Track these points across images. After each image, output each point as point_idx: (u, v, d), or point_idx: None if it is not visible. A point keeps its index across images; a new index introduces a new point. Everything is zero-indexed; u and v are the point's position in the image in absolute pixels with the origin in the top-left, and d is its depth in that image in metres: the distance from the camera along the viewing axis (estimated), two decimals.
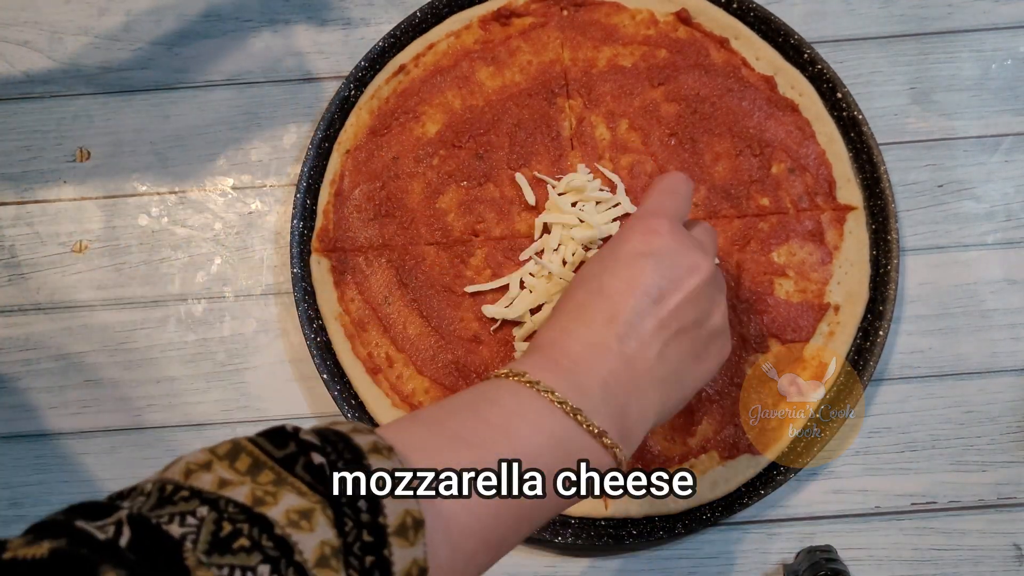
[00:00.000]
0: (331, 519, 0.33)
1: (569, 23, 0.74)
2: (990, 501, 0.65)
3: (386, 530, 0.34)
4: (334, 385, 0.66)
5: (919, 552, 0.64)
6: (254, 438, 0.35)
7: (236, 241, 0.73)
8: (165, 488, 0.32)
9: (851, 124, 0.70)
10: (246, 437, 0.35)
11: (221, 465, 0.33)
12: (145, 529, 0.30)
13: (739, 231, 0.68)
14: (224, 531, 0.31)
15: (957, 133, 0.73)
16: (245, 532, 0.31)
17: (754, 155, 0.70)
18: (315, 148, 0.71)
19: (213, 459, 0.34)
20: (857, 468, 0.66)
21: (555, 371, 0.44)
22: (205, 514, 0.31)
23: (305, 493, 0.33)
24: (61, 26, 0.78)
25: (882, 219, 0.68)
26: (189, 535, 0.30)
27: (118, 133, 0.76)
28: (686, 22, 0.73)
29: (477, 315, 0.67)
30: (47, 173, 0.75)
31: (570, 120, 0.71)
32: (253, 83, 0.77)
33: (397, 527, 0.34)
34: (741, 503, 0.63)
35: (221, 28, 0.78)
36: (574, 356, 0.45)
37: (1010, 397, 0.67)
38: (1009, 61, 0.75)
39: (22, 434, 0.69)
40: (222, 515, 0.31)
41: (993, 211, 0.71)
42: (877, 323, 0.66)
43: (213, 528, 0.31)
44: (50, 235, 0.73)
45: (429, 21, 0.74)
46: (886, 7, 0.76)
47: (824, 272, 0.67)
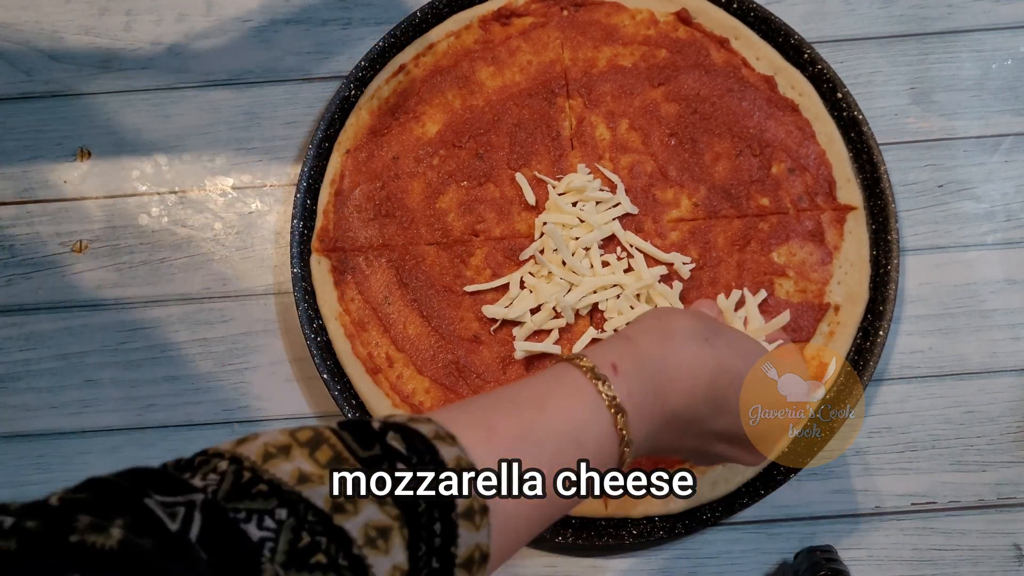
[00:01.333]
0: (406, 540, 0.32)
1: (569, 23, 0.74)
2: (990, 501, 0.65)
3: (454, 560, 0.33)
4: (334, 385, 0.66)
5: (919, 552, 0.64)
6: (337, 430, 0.34)
7: (236, 241, 0.73)
8: (242, 473, 0.31)
9: (851, 124, 0.70)
10: (327, 426, 0.34)
11: (301, 453, 0.32)
12: (220, 523, 0.29)
13: (739, 231, 0.68)
14: (302, 542, 0.30)
15: (957, 133, 0.73)
16: (323, 547, 0.30)
17: (754, 155, 0.70)
18: (315, 148, 0.71)
19: (293, 444, 0.32)
20: (857, 468, 0.66)
21: (632, 378, 0.43)
22: (284, 518, 0.30)
23: (385, 504, 0.32)
24: (61, 26, 0.78)
25: (882, 219, 0.68)
26: (267, 541, 0.29)
27: (118, 133, 0.76)
28: (686, 22, 0.73)
29: (477, 315, 0.67)
30: (47, 173, 0.75)
31: (570, 120, 0.71)
32: (253, 83, 0.77)
33: (465, 559, 0.34)
34: (741, 503, 0.63)
35: (221, 28, 0.78)
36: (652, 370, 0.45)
37: (1010, 397, 0.67)
38: (1009, 61, 0.75)
39: (24, 433, 0.69)
40: (302, 523, 0.30)
41: (993, 211, 0.71)
42: (877, 323, 0.66)
43: (291, 537, 0.30)
44: (50, 235, 0.73)
45: (429, 21, 0.74)
46: (886, 7, 0.76)
47: (824, 272, 0.67)
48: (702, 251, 0.68)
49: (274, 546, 0.29)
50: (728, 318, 0.59)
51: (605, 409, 0.42)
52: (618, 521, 0.63)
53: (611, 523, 0.63)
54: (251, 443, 0.33)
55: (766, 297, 0.66)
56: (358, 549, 0.31)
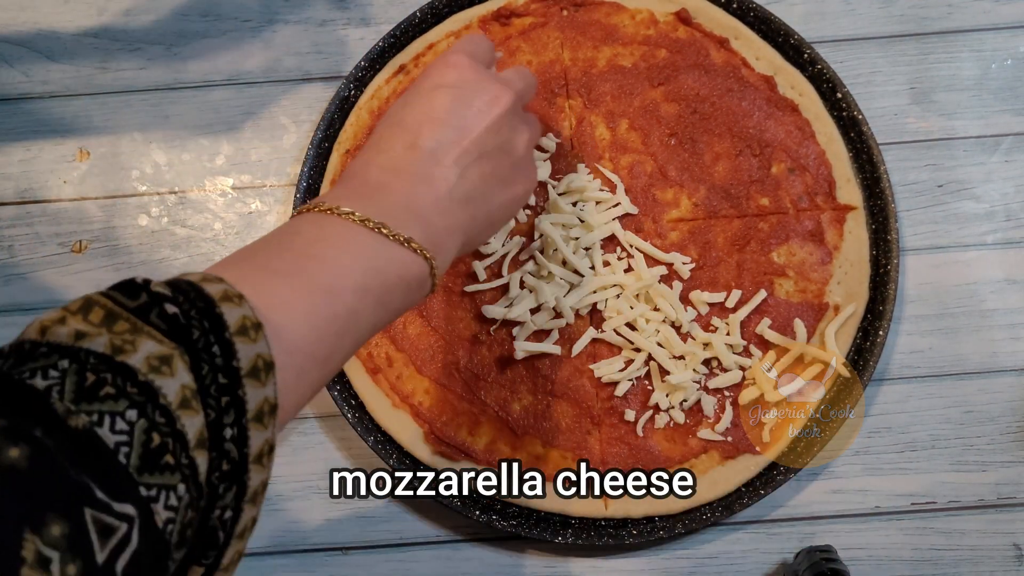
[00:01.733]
0: (188, 364, 0.34)
1: (569, 23, 0.74)
2: (990, 501, 0.65)
3: (239, 372, 0.35)
4: (334, 385, 0.66)
5: (919, 552, 0.64)
6: (105, 291, 0.36)
7: (236, 241, 0.73)
8: (23, 346, 0.33)
9: (851, 124, 0.70)
10: (97, 292, 0.36)
11: (75, 319, 0.34)
12: (8, 385, 0.31)
13: (739, 231, 0.68)
14: (89, 380, 0.31)
15: (957, 133, 0.73)
16: (110, 380, 0.32)
17: (754, 155, 0.70)
18: (315, 148, 0.71)
19: (66, 314, 0.34)
20: (857, 468, 0.66)
21: (355, 197, 0.46)
22: (67, 366, 0.32)
23: (162, 340, 0.34)
24: (61, 26, 0.78)
25: (882, 219, 0.68)
26: (54, 387, 0.31)
27: (118, 133, 0.76)
28: (686, 22, 0.73)
29: (477, 315, 0.67)
30: (47, 173, 0.75)
31: (570, 120, 0.71)
32: (253, 83, 0.77)
33: (250, 370, 0.35)
34: (741, 503, 0.63)
35: (221, 28, 0.78)
36: (374, 183, 0.48)
37: (1010, 397, 0.67)
38: (1009, 61, 0.75)
39: None
40: (84, 366, 0.32)
41: (993, 211, 0.71)
42: (877, 323, 0.66)
43: (77, 379, 0.31)
44: (50, 235, 0.73)
45: (429, 21, 0.74)
46: (886, 7, 0.76)
47: (824, 272, 0.67)
48: (702, 251, 0.68)
49: (61, 388, 0.31)
50: None
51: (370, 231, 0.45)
52: (618, 521, 0.63)
53: (611, 523, 0.63)
54: (28, 328, 0.34)
55: (766, 297, 0.66)
56: (143, 376, 0.32)
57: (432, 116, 0.49)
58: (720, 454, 0.64)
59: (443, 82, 0.51)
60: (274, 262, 0.42)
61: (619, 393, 0.64)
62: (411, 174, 0.48)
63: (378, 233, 0.44)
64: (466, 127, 0.50)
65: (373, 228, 0.44)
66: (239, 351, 0.35)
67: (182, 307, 0.35)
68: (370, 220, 0.44)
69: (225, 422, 0.34)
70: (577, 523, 0.63)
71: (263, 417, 0.35)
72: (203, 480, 0.33)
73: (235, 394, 0.35)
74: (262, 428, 0.35)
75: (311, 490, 0.66)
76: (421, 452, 0.64)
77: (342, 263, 0.43)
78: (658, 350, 0.64)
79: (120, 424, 0.31)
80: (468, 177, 0.49)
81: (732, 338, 0.65)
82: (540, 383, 0.65)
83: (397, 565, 0.65)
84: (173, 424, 0.32)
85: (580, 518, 0.63)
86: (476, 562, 0.65)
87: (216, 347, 0.35)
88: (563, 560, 0.65)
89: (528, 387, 0.65)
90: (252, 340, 0.36)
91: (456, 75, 0.51)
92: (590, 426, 0.65)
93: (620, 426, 0.64)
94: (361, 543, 0.65)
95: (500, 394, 0.65)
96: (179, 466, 0.32)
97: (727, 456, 0.63)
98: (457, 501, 0.63)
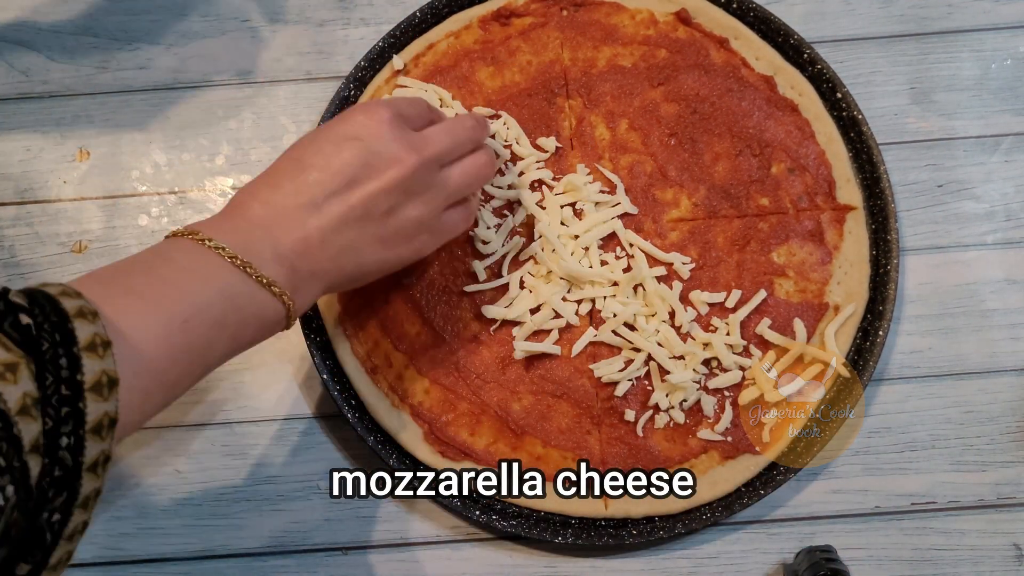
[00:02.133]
0: (33, 373, 0.36)
1: (569, 23, 0.74)
2: (990, 501, 0.65)
3: (83, 385, 0.37)
4: (334, 385, 0.66)
5: (919, 552, 0.64)
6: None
7: None
8: None
9: (851, 124, 0.70)
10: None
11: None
12: None
13: (739, 231, 0.68)
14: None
15: (957, 133, 0.73)
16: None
17: (754, 155, 0.70)
18: None
19: None
20: (857, 468, 0.66)
21: (230, 230, 0.48)
22: None
23: (11, 349, 0.36)
24: (61, 26, 0.78)
25: (882, 219, 0.68)
26: None
27: (118, 133, 0.76)
28: (686, 22, 0.73)
29: (477, 315, 0.67)
30: (47, 173, 0.75)
31: (570, 120, 0.71)
32: (253, 83, 0.77)
33: (93, 384, 0.37)
34: (741, 503, 0.63)
35: (221, 28, 0.78)
36: (253, 218, 0.49)
37: (1010, 397, 0.67)
38: (1009, 61, 0.75)
39: None
40: None
41: (993, 211, 0.71)
42: (877, 323, 0.66)
43: None
44: (50, 235, 0.73)
45: (429, 21, 0.74)
46: (886, 7, 0.76)
47: (824, 272, 0.67)
48: (702, 251, 0.68)
49: None
50: None
51: (235, 268, 0.47)
52: (618, 521, 0.63)
53: (611, 523, 0.63)
54: None
55: (766, 297, 0.66)
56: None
57: (328, 166, 0.51)
58: (720, 454, 0.64)
59: (354, 133, 0.52)
60: (139, 284, 0.44)
61: (619, 393, 0.64)
62: (289, 217, 0.50)
63: (243, 271, 0.47)
64: (357, 186, 0.51)
65: (240, 266, 0.47)
66: (85, 365, 0.37)
67: (36, 319, 0.37)
68: (238, 258, 0.47)
69: (63, 431, 0.36)
70: (577, 523, 0.63)
71: (101, 430, 0.37)
72: (34, 483, 0.35)
73: (76, 406, 0.36)
74: (99, 440, 0.37)
75: (311, 490, 0.66)
76: (421, 452, 0.64)
77: (204, 296, 0.45)
78: (658, 350, 0.64)
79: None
80: (344, 233, 0.51)
81: (732, 338, 0.65)
82: (540, 383, 0.65)
83: (397, 565, 0.65)
84: (9, 429, 0.34)
85: (580, 518, 0.63)
86: (476, 562, 0.65)
87: (64, 359, 0.36)
88: (563, 560, 0.65)
89: (528, 387, 0.65)
90: (100, 356, 0.38)
91: (370, 130, 0.52)
92: (590, 426, 0.65)
93: (620, 426, 0.64)
94: (361, 543, 0.65)
95: (500, 394, 0.65)
96: (10, 468, 0.34)
97: (727, 456, 0.63)
98: (457, 501, 0.63)
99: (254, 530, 0.66)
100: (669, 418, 0.64)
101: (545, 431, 0.64)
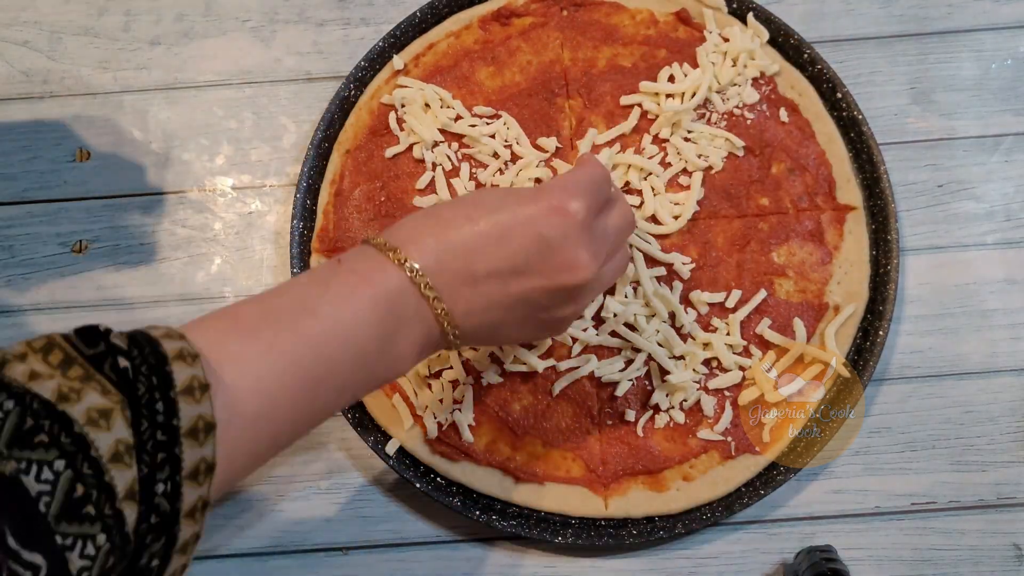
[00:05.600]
0: (128, 419, 0.35)
1: (569, 23, 0.74)
2: (990, 501, 0.65)
3: (179, 431, 0.36)
4: None
5: (919, 552, 0.64)
6: (68, 334, 0.37)
7: (236, 241, 0.73)
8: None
9: (851, 124, 0.70)
10: (60, 333, 0.37)
11: (35, 358, 0.35)
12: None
13: (739, 231, 0.68)
14: (27, 425, 0.33)
15: (957, 133, 0.73)
16: (46, 428, 0.33)
17: (754, 155, 0.70)
18: (315, 148, 0.71)
19: (29, 352, 0.36)
20: (857, 468, 0.66)
21: None
22: (11, 407, 0.33)
23: (109, 392, 0.35)
24: (61, 26, 0.78)
25: (882, 219, 0.68)
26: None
27: (118, 133, 0.76)
28: (686, 22, 0.73)
29: None
30: (47, 173, 0.75)
31: (570, 120, 0.71)
32: (253, 83, 0.77)
33: (189, 429, 0.37)
34: (741, 503, 0.63)
35: (221, 28, 0.78)
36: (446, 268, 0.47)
37: (1010, 397, 0.67)
38: (1009, 61, 0.75)
39: None
40: (26, 411, 0.33)
41: (993, 211, 0.71)
42: (877, 323, 0.66)
43: (16, 422, 0.33)
44: (50, 235, 0.73)
45: (429, 21, 0.74)
46: (886, 7, 0.76)
47: (824, 272, 0.67)
48: (702, 251, 0.68)
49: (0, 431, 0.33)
50: None
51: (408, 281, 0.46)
52: (618, 521, 0.63)
53: (611, 523, 0.63)
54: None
55: (766, 297, 0.66)
56: (79, 428, 0.34)
57: (504, 248, 0.47)
58: (720, 454, 0.64)
59: (541, 227, 0.47)
60: (258, 320, 0.43)
61: (619, 393, 0.64)
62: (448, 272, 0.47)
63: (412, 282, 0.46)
64: (522, 276, 0.48)
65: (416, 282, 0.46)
66: (181, 410, 0.36)
67: (134, 362, 0.37)
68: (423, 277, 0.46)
69: (159, 477, 0.36)
70: (577, 523, 0.63)
71: (198, 475, 0.37)
72: (131, 530, 0.35)
73: (172, 452, 0.36)
74: (196, 485, 0.37)
75: (311, 490, 0.66)
76: (421, 452, 0.64)
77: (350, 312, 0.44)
78: (658, 350, 0.64)
79: (46, 473, 0.33)
80: (492, 313, 0.48)
81: (732, 338, 0.65)
82: (540, 383, 0.65)
83: (397, 565, 0.65)
84: (101, 476, 0.34)
85: (580, 518, 0.63)
86: (476, 562, 0.65)
87: (160, 404, 0.36)
88: (563, 560, 0.65)
89: (528, 387, 0.65)
90: (196, 400, 0.37)
91: (558, 229, 0.47)
92: (590, 426, 0.65)
93: (620, 426, 0.64)
94: (361, 543, 0.65)
95: (500, 394, 0.65)
96: (101, 516, 0.34)
97: (727, 456, 0.63)
98: (457, 501, 0.63)
99: (254, 530, 0.66)
100: (669, 418, 0.64)
101: (545, 431, 0.64)
